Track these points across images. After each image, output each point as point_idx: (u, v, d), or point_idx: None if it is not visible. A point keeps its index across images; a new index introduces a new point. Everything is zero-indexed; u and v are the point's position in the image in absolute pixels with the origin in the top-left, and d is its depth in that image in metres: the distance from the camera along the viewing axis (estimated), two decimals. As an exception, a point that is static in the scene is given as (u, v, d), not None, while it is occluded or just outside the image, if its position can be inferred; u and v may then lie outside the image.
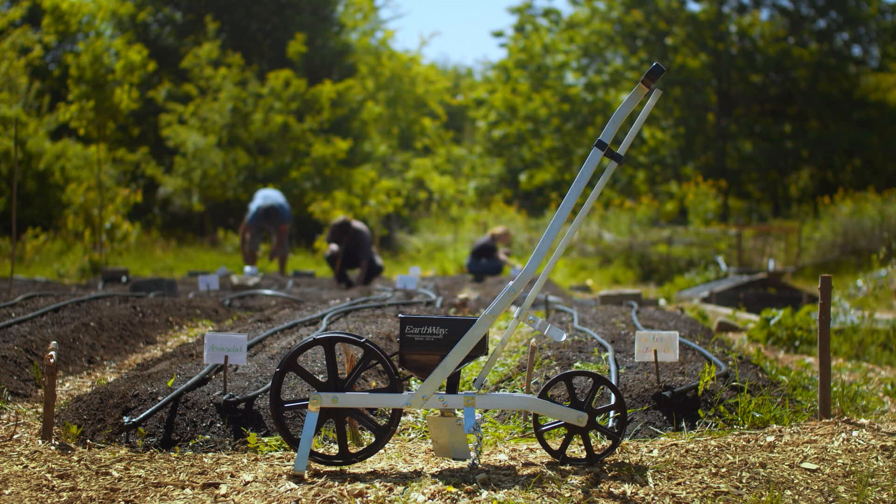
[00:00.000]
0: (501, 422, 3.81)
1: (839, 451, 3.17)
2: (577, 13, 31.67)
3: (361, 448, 3.08)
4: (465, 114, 37.12)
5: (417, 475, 2.91)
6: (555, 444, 3.24)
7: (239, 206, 20.61)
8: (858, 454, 3.14)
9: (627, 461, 3.05)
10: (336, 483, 2.82)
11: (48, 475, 2.94)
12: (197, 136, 20.51)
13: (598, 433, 3.43)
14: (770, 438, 3.33)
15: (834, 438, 3.31)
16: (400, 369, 3.19)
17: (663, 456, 3.11)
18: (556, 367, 4.54)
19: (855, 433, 3.35)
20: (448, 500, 2.65)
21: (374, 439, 3.05)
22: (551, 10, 32.75)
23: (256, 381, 4.00)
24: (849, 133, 27.85)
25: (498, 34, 41.24)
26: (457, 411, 3.01)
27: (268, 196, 12.45)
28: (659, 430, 3.60)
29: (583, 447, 3.19)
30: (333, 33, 27.52)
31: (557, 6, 49.62)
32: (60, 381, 4.78)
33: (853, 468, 3.01)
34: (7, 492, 2.77)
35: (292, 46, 22.95)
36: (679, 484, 2.82)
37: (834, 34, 30.07)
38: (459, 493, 2.70)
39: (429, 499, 2.66)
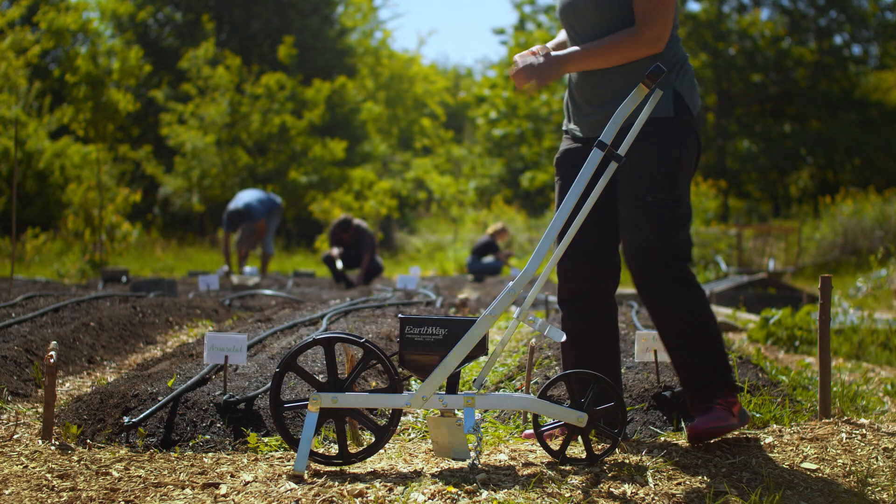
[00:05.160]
0: (501, 422, 3.81)
1: (839, 451, 3.17)
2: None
3: (361, 448, 3.08)
4: (465, 114, 37.08)
5: (417, 475, 2.90)
6: (555, 445, 3.24)
7: (239, 207, 20.58)
8: (858, 454, 3.14)
9: (627, 461, 3.05)
10: (336, 483, 2.82)
11: (48, 475, 2.94)
12: (196, 135, 20.51)
13: (598, 433, 3.42)
14: (770, 439, 3.33)
15: (834, 438, 3.31)
16: (400, 369, 3.18)
17: (663, 456, 3.11)
18: (556, 367, 4.54)
19: (855, 433, 3.35)
20: (448, 500, 2.65)
21: (374, 439, 3.04)
22: (553, 7, 32.75)
23: (256, 381, 4.00)
24: (849, 133, 27.82)
25: (499, 31, 41.22)
26: (457, 411, 3.01)
27: (238, 198, 12.08)
28: (659, 430, 3.60)
29: (583, 447, 3.19)
30: (334, 33, 27.51)
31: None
32: (60, 381, 4.78)
33: (853, 468, 3.01)
34: (7, 492, 2.77)
35: (282, 50, 22.96)
36: (679, 484, 2.82)
37: (834, 33, 30.05)
38: (459, 493, 2.70)
39: (429, 499, 2.66)
